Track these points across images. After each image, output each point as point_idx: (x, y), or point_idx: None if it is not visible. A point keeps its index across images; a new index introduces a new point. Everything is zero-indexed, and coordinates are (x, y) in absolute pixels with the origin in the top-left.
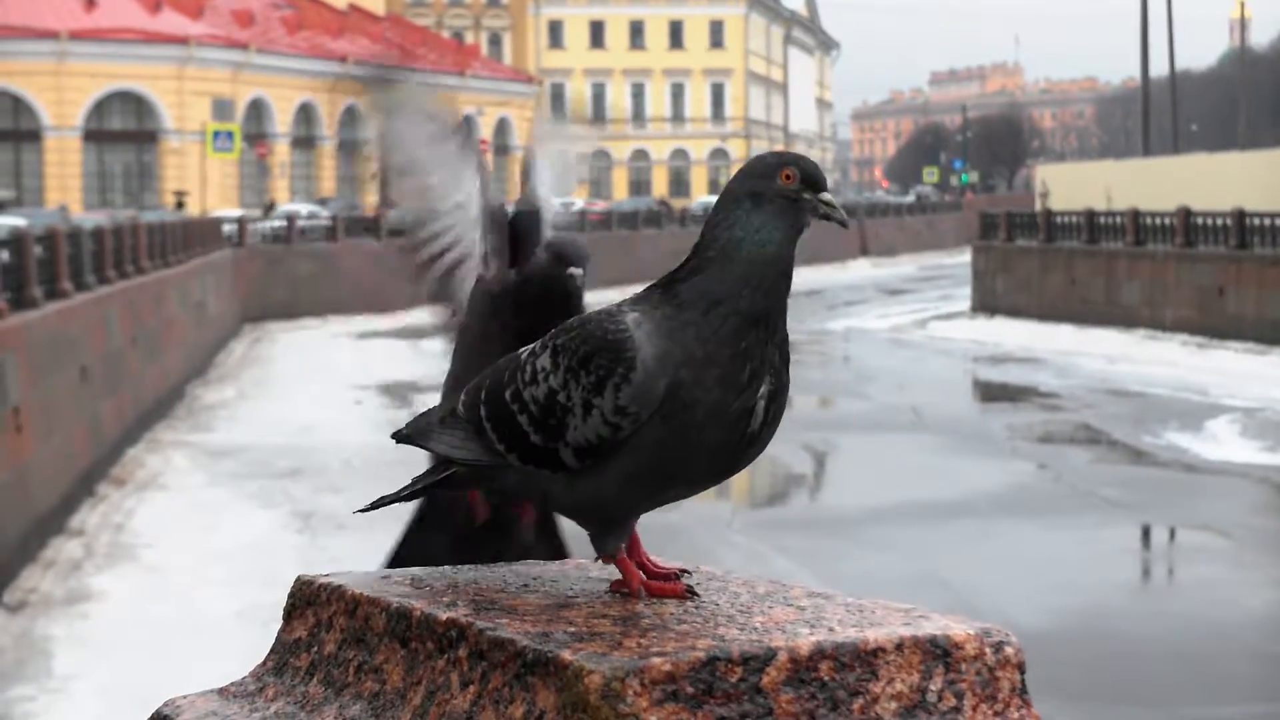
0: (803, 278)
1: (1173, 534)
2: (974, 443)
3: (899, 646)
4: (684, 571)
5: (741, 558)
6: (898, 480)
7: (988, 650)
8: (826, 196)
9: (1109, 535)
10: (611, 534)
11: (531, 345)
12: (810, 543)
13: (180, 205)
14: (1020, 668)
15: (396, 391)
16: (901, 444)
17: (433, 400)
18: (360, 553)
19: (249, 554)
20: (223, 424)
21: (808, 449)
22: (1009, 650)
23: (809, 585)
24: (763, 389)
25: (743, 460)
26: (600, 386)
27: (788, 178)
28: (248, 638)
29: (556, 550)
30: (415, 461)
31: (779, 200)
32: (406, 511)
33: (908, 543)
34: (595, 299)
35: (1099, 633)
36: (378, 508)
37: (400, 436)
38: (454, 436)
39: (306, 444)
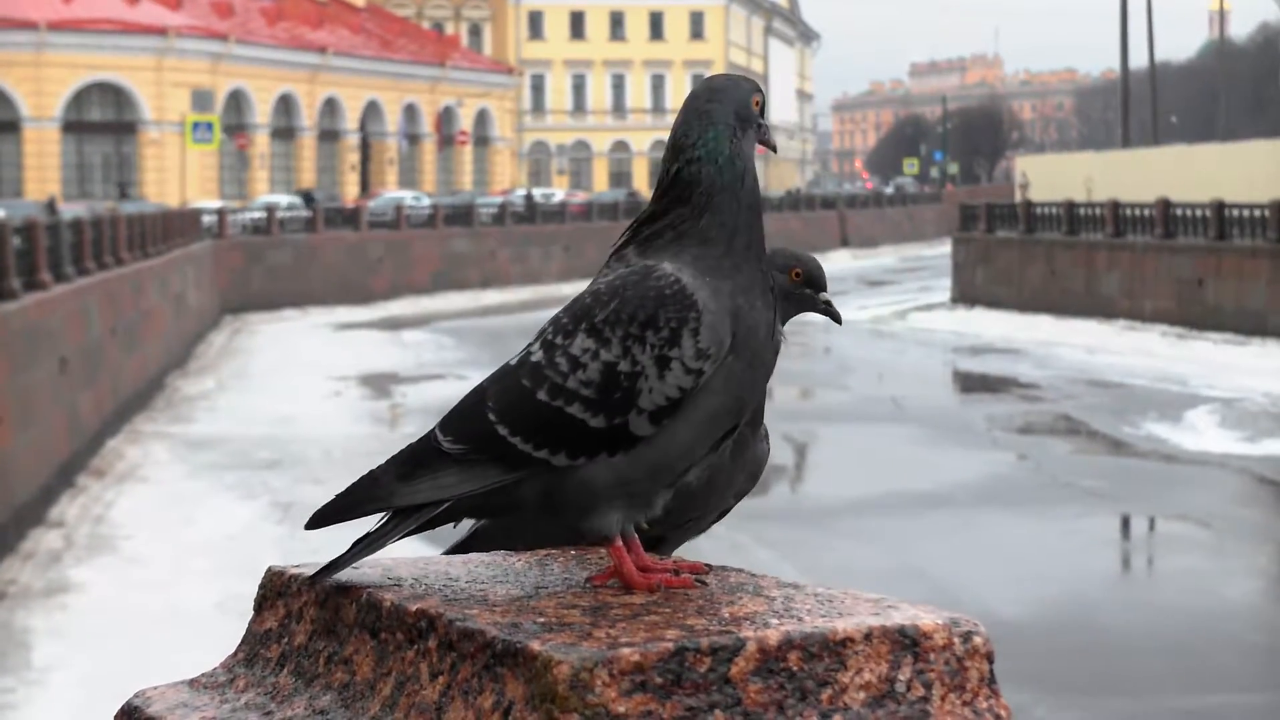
0: None
1: (1152, 524)
2: (954, 433)
3: (867, 636)
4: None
5: (721, 548)
6: (878, 471)
7: (956, 640)
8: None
9: (1088, 526)
10: (627, 511)
11: (528, 348)
12: (790, 534)
13: (124, 195)
14: (989, 658)
15: (376, 382)
16: (882, 435)
17: (412, 390)
18: (339, 544)
19: (228, 545)
20: (202, 415)
21: (788, 440)
22: (977, 640)
23: (781, 576)
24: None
25: (772, 369)
26: (676, 338)
27: (758, 104)
28: (227, 629)
29: None
30: (394, 452)
31: (752, 128)
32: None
33: (888, 534)
34: (575, 289)
35: (1079, 623)
36: (332, 572)
37: (326, 517)
38: (446, 478)
39: (286, 435)
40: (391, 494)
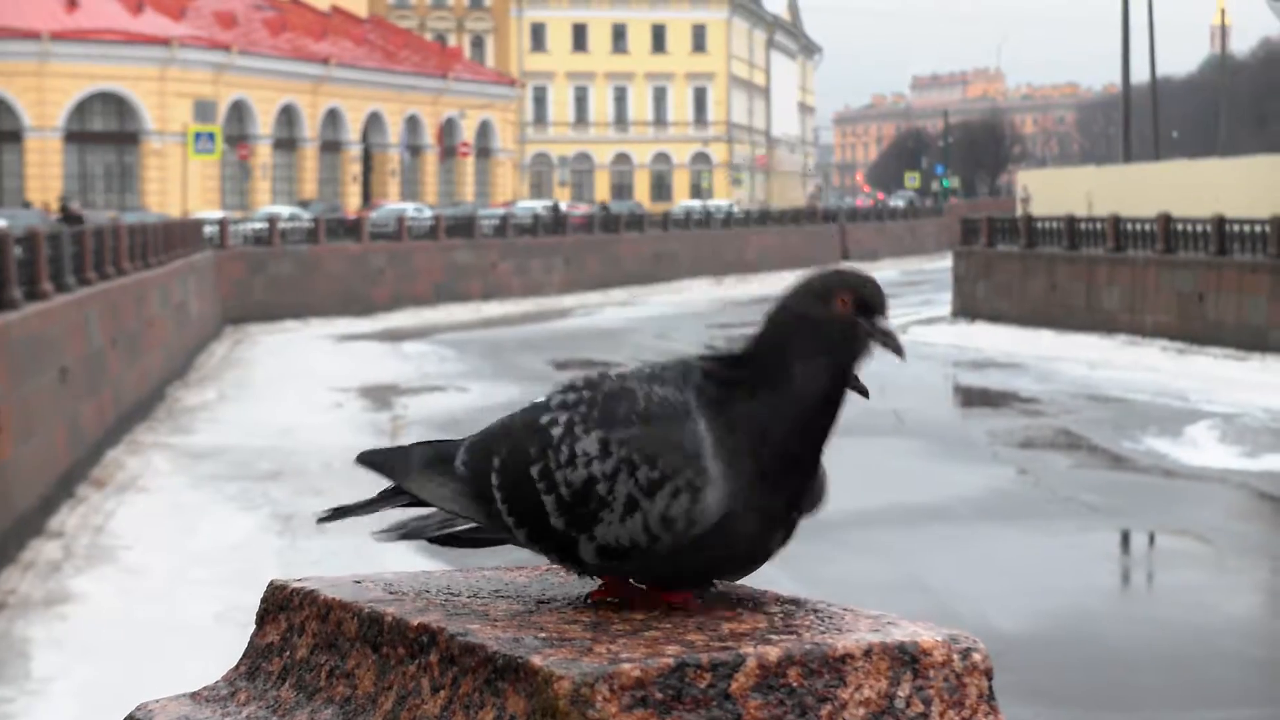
0: (785, 282)
1: (1152, 539)
2: (955, 447)
3: (867, 653)
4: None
5: None
6: (879, 484)
7: (955, 657)
8: (883, 324)
9: (1089, 540)
10: None
11: (555, 415)
12: (791, 546)
13: (65, 211)
14: (988, 674)
15: (377, 394)
16: (882, 448)
17: (413, 401)
18: (341, 555)
19: (229, 556)
20: (203, 426)
21: None
22: (976, 657)
23: (781, 592)
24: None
25: (761, 561)
26: (655, 489)
27: (843, 303)
28: (227, 640)
29: None
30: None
31: (834, 326)
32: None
33: (889, 547)
34: (577, 301)
35: (1079, 638)
36: (338, 518)
37: (369, 461)
38: (445, 489)
39: (287, 446)
40: (407, 473)
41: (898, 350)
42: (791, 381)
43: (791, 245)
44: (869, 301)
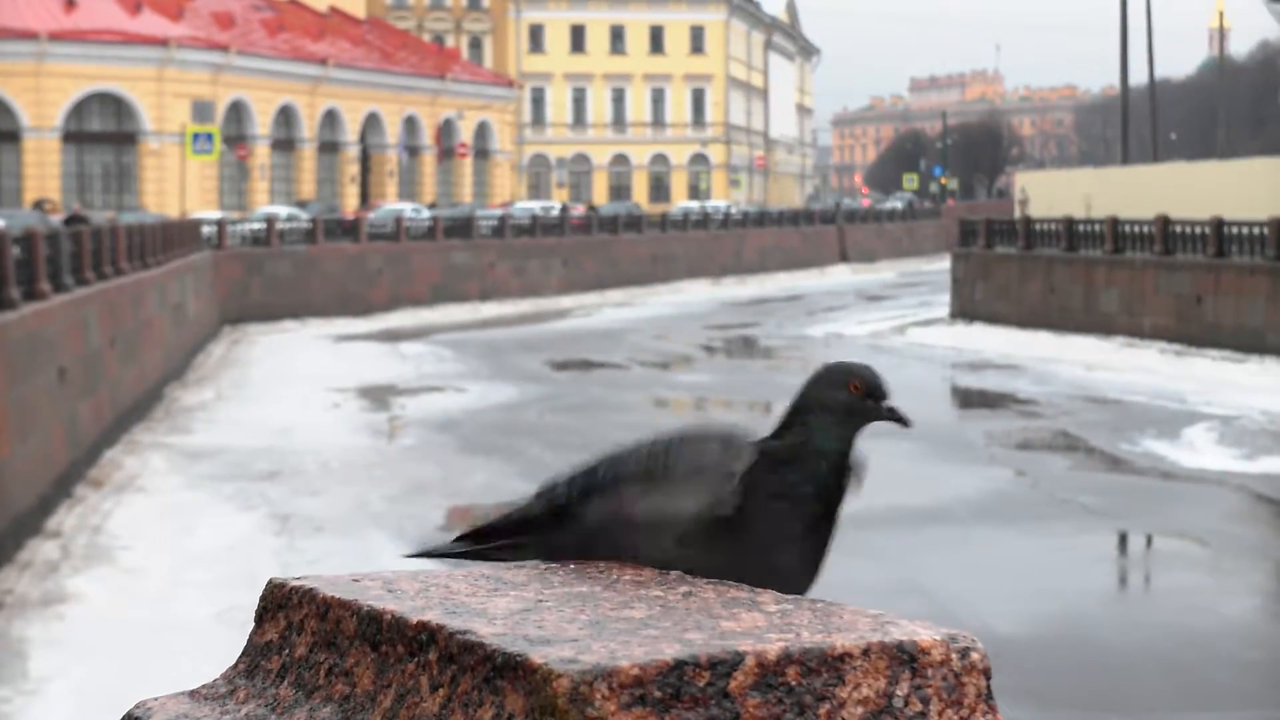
0: (783, 284)
1: (1150, 541)
2: (952, 449)
3: (866, 652)
4: None
5: None
6: (875, 486)
7: (954, 656)
8: (889, 403)
9: (1087, 542)
10: None
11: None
12: None
13: (42, 209)
14: (986, 673)
15: (375, 394)
16: (880, 450)
17: (411, 402)
18: (337, 555)
19: (227, 556)
20: (201, 426)
21: None
22: (975, 656)
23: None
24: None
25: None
26: (685, 475)
27: (854, 388)
28: (225, 640)
29: None
30: (392, 464)
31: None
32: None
33: (886, 549)
34: (574, 302)
35: (1077, 640)
36: (427, 556)
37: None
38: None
39: (285, 446)
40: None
41: (904, 421)
42: (815, 445)
43: (790, 246)
44: (874, 386)
